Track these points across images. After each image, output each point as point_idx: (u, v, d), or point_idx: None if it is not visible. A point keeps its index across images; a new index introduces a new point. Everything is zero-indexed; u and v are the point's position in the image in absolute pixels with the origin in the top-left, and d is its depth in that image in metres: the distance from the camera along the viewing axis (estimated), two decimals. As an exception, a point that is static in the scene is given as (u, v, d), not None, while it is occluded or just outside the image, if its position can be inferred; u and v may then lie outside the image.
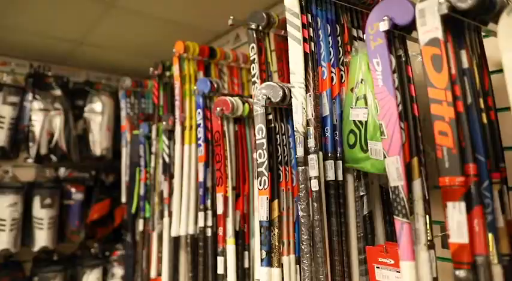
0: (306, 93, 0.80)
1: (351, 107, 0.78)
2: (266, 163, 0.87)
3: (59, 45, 1.89)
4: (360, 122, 0.75)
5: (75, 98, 2.12)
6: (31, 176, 2.01)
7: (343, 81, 0.87)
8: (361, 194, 0.85)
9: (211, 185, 1.17)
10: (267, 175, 0.86)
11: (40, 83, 1.97)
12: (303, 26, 0.82)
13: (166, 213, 1.36)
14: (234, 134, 1.10)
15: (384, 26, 0.63)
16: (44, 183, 1.95)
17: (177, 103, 1.35)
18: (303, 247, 0.75)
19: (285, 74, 1.14)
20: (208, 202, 1.16)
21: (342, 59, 0.89)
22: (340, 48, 0.89)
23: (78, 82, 2.21)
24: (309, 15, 0.84)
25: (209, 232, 1.14)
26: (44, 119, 1.90)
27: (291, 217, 0.89)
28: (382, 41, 0.64)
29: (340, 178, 0.81)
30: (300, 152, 0.77)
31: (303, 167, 0.77)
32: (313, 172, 0.77)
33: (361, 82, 0.76)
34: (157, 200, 1.46)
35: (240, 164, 1.09)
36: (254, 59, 1.05)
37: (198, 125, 1.21)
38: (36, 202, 1.84)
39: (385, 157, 0.63)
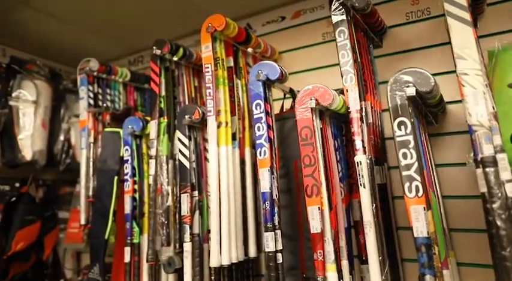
0: (484, 81, 0.68)
1: (525, 103, 0.69)
2: (416, 164, 0.70)
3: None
4: (545, 119, 0.67)
5: (-10, 80, 1.50)
6: None
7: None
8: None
9: (277, 197, 0.92)
10: (419, 180, 0.70)
11: None
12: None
13: (187, 236, 1.02)
14: (320, 132, 0.89)
15: None
16: None
17: (210, 92, 1.05)
18: (502, 267, 0.60)
19: (363, 70, 1.00)
20: (276, 219, 0.90)
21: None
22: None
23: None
24: (463, -3, 0.74)
25: (280, 258, 0.88)
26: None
27: (433, 232, 0.74)
28: None
29: (506, 183, 0.71)
30: (489, 150, 0.64)
31: (494, 169, 0.64)
32: (505, 174, 0.64)
33: (542, 75, 0.69)
34: (162, 219, 1.09)
35: (329, 168, 0.88)
36: (345, 44, 0.88)
37: (256, 120, 0.94)
38: None
39: None
